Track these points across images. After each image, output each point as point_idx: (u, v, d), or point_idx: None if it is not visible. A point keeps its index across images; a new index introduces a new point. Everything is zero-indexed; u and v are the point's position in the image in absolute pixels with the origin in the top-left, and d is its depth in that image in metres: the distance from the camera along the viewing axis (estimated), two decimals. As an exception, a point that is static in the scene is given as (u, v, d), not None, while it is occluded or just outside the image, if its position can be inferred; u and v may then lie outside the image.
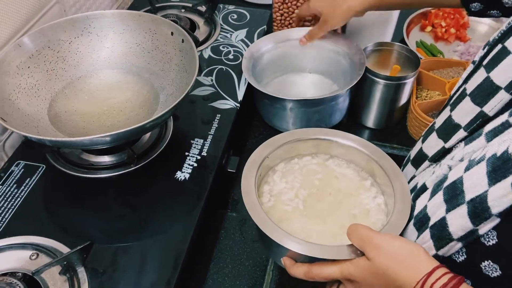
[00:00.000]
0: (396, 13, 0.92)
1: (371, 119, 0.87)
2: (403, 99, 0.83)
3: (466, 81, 0.46)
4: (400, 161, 0.58)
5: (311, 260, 0.47)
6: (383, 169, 0.55)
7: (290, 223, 0.54)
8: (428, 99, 0.87)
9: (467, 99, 0.43)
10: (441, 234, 0.39)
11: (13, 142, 0.75)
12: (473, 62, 0.48)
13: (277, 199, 0.57)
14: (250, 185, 0.54)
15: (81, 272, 0.57)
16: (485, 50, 0.45)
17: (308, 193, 0.57)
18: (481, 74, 0.43)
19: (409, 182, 0.52)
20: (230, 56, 0.91)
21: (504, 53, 0.40)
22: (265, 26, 0.98)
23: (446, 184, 0.40)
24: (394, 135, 0.87)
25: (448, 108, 0.47)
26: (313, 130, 0.61)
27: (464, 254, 0.38)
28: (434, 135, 0.49)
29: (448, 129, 0.46)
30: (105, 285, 0.56)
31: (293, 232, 0.49)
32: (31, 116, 0.68)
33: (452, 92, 0.51)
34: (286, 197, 0.57)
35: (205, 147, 0.73)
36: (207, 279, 0.66)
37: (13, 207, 0.64)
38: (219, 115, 0.79)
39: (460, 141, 0.44)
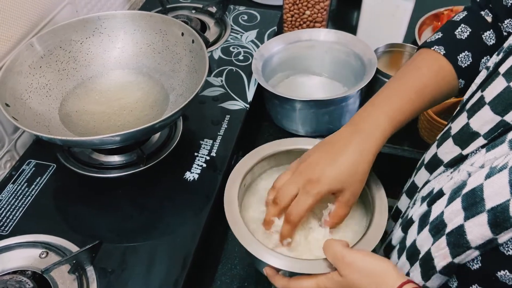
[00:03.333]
0: (408, 15, 0.91)
1: (381, 121, 0.86)
2: (415, 101, 0.82)
3: (482, 88, 0.45)
4: (412, 164, 0.57)
5: (289, 272, 0.49)
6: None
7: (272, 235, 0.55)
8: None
9: (486, 107, 0.42)
10: (458, 241, 0.38)
11: (24, 141, 0.76)
12: (487, 68, 0.47)
13: (261, 209, 0.58)
14: (233, 196, 0.55)
15: (90, 271, 0.57)
16: (500, 56, 0.44)
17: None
18: (500, 83, 0.41)
19: (423, 187, 0.51)
20: (240, 57, 0.91)
21: None
22: (275, 27, 0.98)
23: (465, 191, 0.39)
24: (405, 138, 0.86)
25: (465, 114, 0.46)
26: (300, 140, 0.62)
27: (479, 262, 0.37)
28: (450, 141, 0.47)
29: (465, 136, 0.45)
30: (114, 284, 0.56)
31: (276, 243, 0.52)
32: (42, 115, 0.69)
33: (466, 97, 0.49)
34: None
35: (214, 147, 0.73)
36: (215, 280, 0.66)
37: (23, 205, 0.65)
38: (229, 116, 0.79)
39: (480, 147, 0.43)
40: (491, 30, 0.55)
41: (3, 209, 0.64)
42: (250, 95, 0.83)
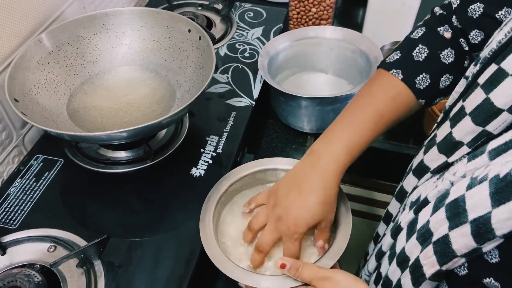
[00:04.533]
0: (413, 12, 0.91)
1: (387, 119, 0.86)
2: (420, 99, 0.82)
3: (463, 97, 0.45)
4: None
5: None
6: None
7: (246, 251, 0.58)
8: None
9: (468, 118, 0.43)
10: (444, 250, 0.38)
11: (32, 136, 0.76)
12: (465, 77, 0.47)
13: (237, 228, 0.61)
14: (207, 220, 0.58)
15: (98, 265, 0.58)
16: (478, 67, 0.44)
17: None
18: (479, 94, 0.42)
19: (411, 193, 0.52)
20: (246, 54, 0.91)
21: (502, 75, 0.39)
22: (281, 24, 0.98)
23: (448, 200, 0.39)
24: (410, 135, 0.86)
25: (448, 123, 0.47)
26: (275, 160, 0.65)
27: (466, 269, 0.37)
28: (435, 149, 0.48)
29: (449, 145, 0.45)
30: (121, 278, 0.57)
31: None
32: (50, 111, 0.69)
33: (449, 103, 0.49)
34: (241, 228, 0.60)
35: (220, 144, 0.74)
36: (220, 275, 0.66)
37: (31, 200, 0.66)
38: (235, 113, 0.79)
39: (465, 155, 0.43)
40: (449, 48, 0.57)
41: (11, 203, 0.65)
42: (256, 92, 0.83)
